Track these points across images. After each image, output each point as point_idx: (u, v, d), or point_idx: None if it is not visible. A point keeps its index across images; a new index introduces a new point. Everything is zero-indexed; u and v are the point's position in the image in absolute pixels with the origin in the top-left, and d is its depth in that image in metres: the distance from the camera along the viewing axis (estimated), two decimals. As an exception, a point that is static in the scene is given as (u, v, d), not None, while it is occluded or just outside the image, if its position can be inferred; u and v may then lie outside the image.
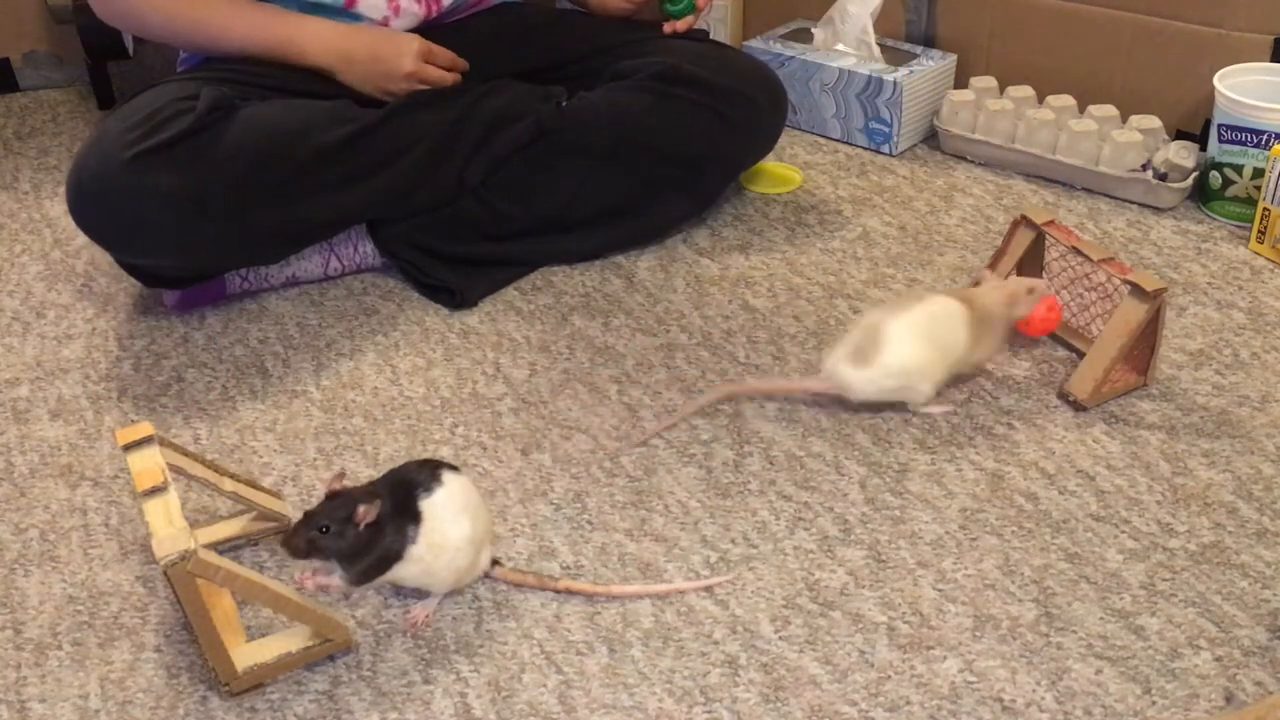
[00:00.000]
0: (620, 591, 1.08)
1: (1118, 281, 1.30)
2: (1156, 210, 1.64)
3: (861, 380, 1.25)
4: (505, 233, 1.53)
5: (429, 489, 1.01)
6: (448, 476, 1.03)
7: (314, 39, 1.47)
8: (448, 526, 1.02)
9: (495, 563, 1.09)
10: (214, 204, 1.35)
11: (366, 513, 0.96)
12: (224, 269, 1.47)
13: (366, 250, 1.53)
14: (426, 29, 1.59)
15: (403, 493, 1.01)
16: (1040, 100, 1.76)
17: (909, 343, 1.23)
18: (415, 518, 1.00)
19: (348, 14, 1.51)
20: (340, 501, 0.97)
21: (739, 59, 1.62)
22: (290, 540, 0.97)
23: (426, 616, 1.06)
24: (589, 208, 1.54)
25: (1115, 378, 1.29)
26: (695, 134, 1.54)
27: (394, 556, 1.00)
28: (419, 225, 1.51)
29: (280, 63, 1.48)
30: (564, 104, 1.53)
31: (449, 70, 1.51)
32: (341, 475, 1.00)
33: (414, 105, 1.47)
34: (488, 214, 1.51)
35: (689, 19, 1.63)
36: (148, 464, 0.99)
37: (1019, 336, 1.35)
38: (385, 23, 1.54)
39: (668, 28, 1.63)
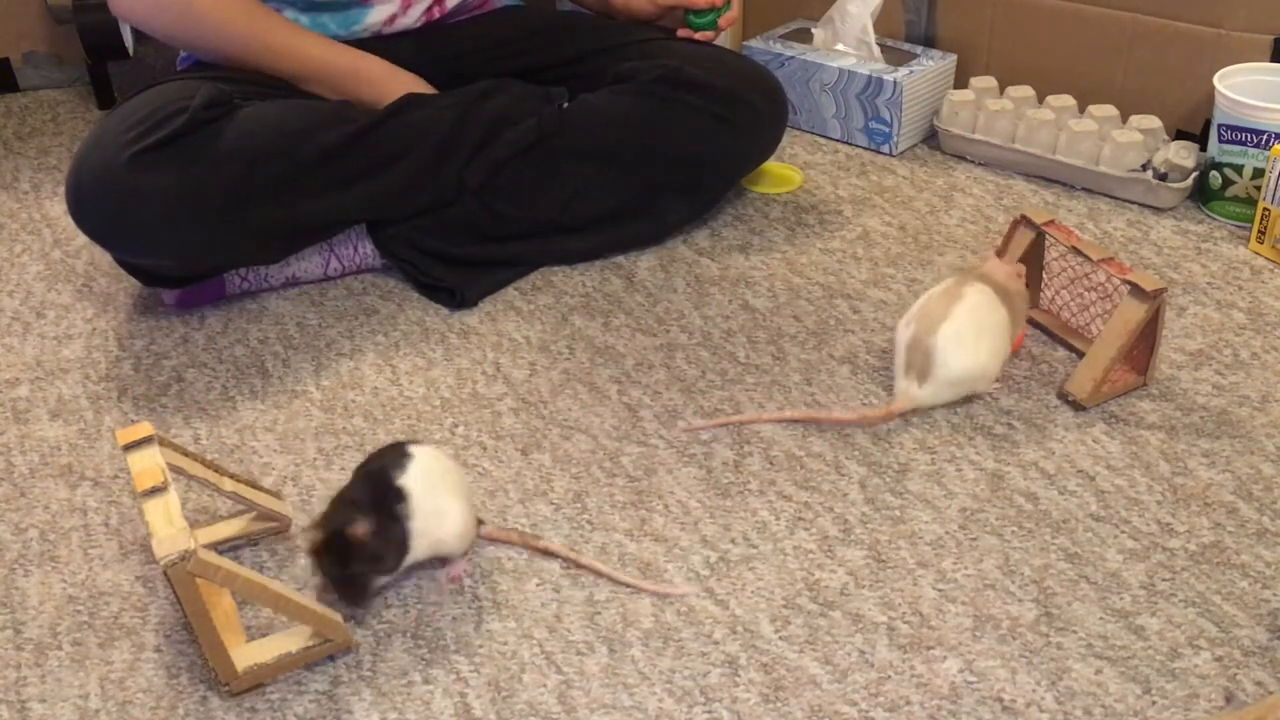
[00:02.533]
0: (590, 565, 1.11)
1: (1117, 281, 1.30)
2: (1156, 210, 1.64)
3: (929, 395, 1.26)
4: (505, 234, 1.53)
5: (402, 468, 1.04)
6: (415, 451, 1.06)
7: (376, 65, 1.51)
8: (436, 494, 1.05)
9: (480, 522, 1.12)
10: (212, 203, 1.35)
11: (361, 532, 0.99)
12: (223, 268, 1.47)
13: (366, 251, 1.53)
14: (430, 31, 1.60)
15: (378, 481, 1.04)
16: (1040, 100, 1.76)
17: (959, 348, 1.24)
18: (400, 497, 1.03)
19: (359, 6, 1.52)
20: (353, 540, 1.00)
21: (740, 62, 1.62)
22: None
23: (461, 574, 1.09)
24: (589, 211, 1.54)
25: (1115, 378, 1.29)
26: (696, 137, 1.53)
27: (403, 546, 1.03)
28: (418, 226, 1.51)
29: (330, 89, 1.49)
30: (565, 106, 1.53)
31: None
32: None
33: (414, 106, 1.47)
34: (487, 215, 1.51)
35: (709, 33, 1.64)
36: (148, 464, 0.99)
37: None
38: (391, 20, 1.55)
39: (683, 34, 1.64)
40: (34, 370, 1.40)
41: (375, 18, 1.54)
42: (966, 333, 1.24)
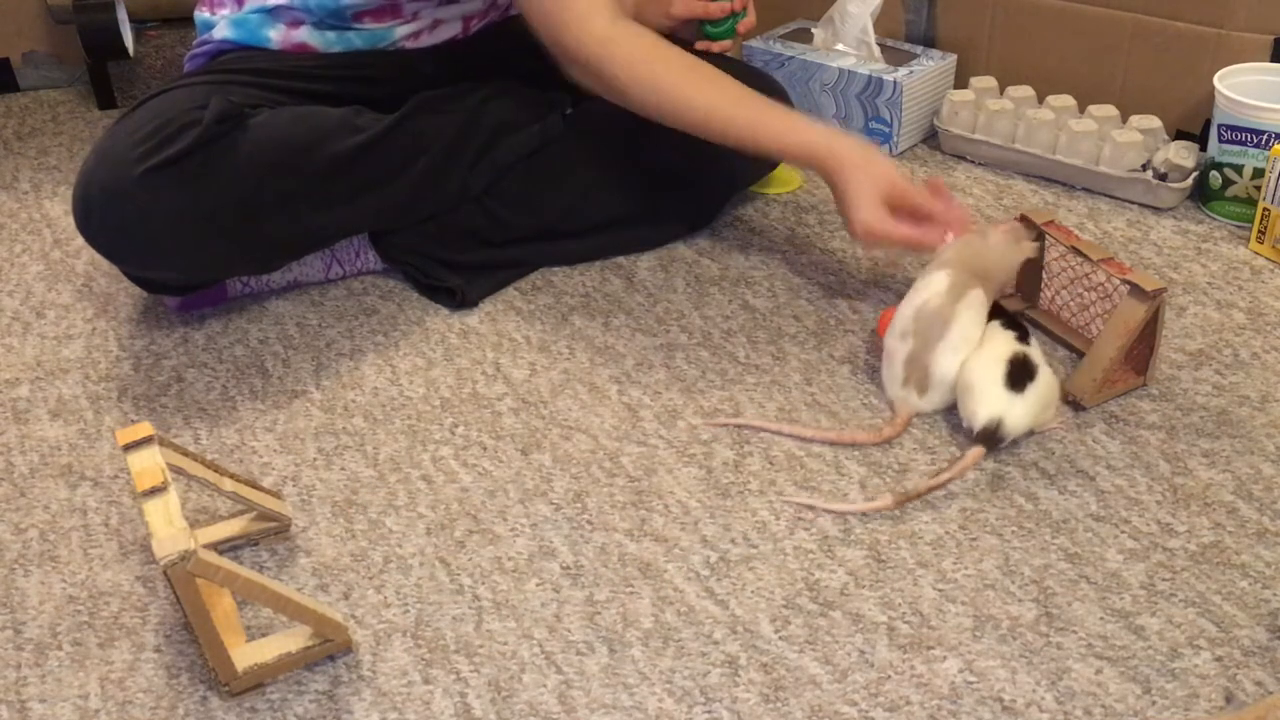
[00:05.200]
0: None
1: (1117, 281, 1.30)
2: (1156, 210, 1.64)
3: (930, 405, 1.27)
4: (507, 239, 1.53)
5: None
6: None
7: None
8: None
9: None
10: (225, 218, 1.33)
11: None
12: (230, 277, 1.47)
13: (368, 256, 1.53)
14: (449, 46, 1.58)
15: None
16: (1040, 100, 1.76)
17: (954, 362, 1.25)
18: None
19: (389, 25, 1.50)
20: None
21: (742, 69, 1.61)
22: None
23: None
24: (591, 217, 1.54)
25: (1115, 378, 1.29)
26: (698, 145, 1.53)
27: None
28: (421, 231, 1.50)
29: None
30: (568, 113, 1.53)
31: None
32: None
33: (421, 111, 1.46)
34: (489, 222, 1.51)
35: (726, 43, 1.62)
36: (148, 464, 0.99)
37: None
38: (417, 36, 1.52)
39: (700, 46, 1.62)
40: (34, 370, 1.40)
41: (404, 31, 1.52)
42: (963, 350, 1.25)
